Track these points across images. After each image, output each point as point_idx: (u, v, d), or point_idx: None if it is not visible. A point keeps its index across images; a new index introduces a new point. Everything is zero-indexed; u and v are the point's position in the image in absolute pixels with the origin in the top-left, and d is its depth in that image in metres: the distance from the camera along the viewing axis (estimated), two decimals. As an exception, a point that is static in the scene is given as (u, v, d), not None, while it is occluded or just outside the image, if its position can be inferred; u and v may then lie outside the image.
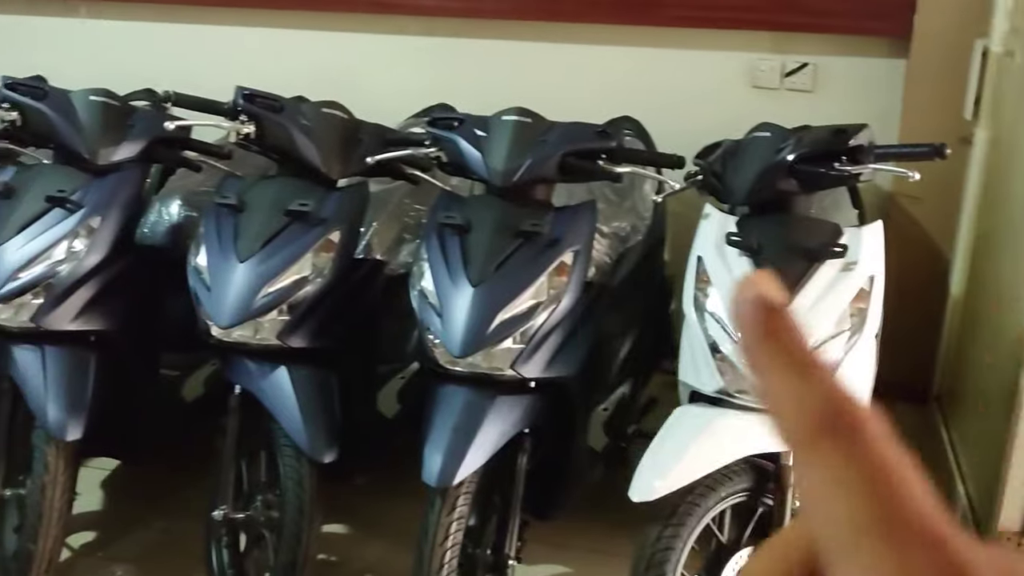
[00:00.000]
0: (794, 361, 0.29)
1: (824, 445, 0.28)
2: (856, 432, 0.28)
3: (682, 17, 2.84)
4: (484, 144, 2.06)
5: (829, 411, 0.28)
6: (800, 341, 0.29)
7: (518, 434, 2.04)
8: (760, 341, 0.29)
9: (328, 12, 3.12)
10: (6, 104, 2.22)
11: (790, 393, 0.29)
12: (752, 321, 0.30)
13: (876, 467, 0.27)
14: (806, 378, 0.29)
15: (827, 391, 0.29)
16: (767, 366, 0.29)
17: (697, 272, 2.00)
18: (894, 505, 0.27)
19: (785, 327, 0.30)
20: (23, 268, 2.14)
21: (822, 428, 0.28)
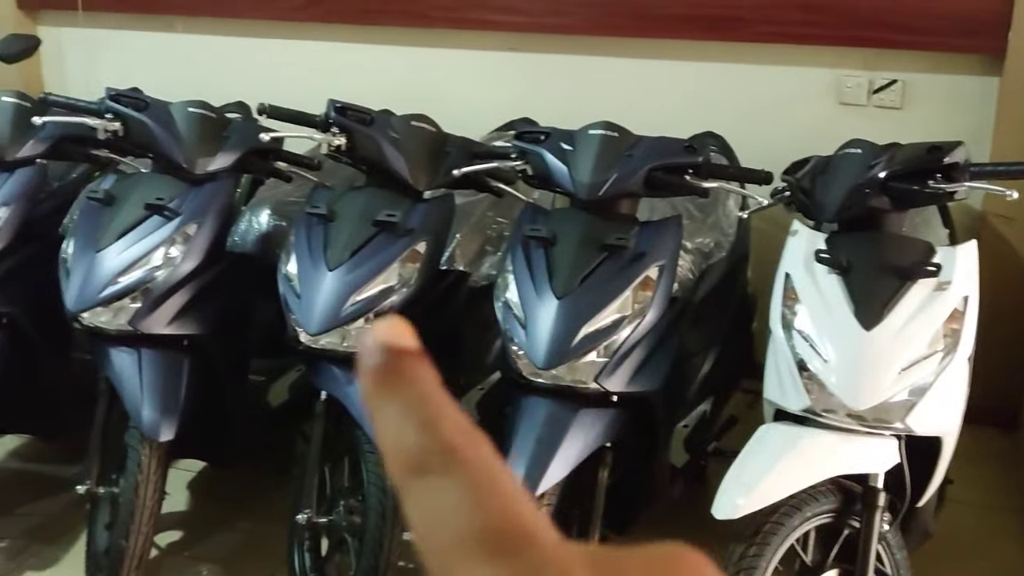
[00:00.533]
0: (408, 405, 0.30)
1: (422, 482, 0.29)
2: (448, 462, 0.29)
3: (768, 33, 2.82)
4: (570, 158, 2.07)
5: (426, 448, 0.30)
6: (422, 385, 0.31)
7: (599, 448, 2.04)
8: (379, 385, 0.31)
9: (415, 28, 3.17)
10: (110, 115, 2.30)
11: (395, 436, 0.30)
12: (375, 365, 0.31)
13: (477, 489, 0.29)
14: (413, 419, 0.30)
15: (427, 428, 0.30)
16: (382, 409, 0.31)
17: (785, 289, 1.98)
18: (492, 521, 0.28)
19: (407, 373, 0.31)
20: (122, 273, 2.21)
21: (419, 466, 0.29)
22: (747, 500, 1.87)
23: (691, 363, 2.36)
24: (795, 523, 1.93)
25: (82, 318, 2.22)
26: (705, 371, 2.44)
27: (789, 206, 2.12)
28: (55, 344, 2.54)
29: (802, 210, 2.08)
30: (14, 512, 2.75)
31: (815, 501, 1.93)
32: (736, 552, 1.91)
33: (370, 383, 0.31)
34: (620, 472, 2.14)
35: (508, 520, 0.29)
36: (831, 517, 1.96)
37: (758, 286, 2.72)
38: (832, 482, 1.93)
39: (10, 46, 2.87)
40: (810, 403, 1.90)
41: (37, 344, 2.49)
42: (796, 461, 1.90)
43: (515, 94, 3.11)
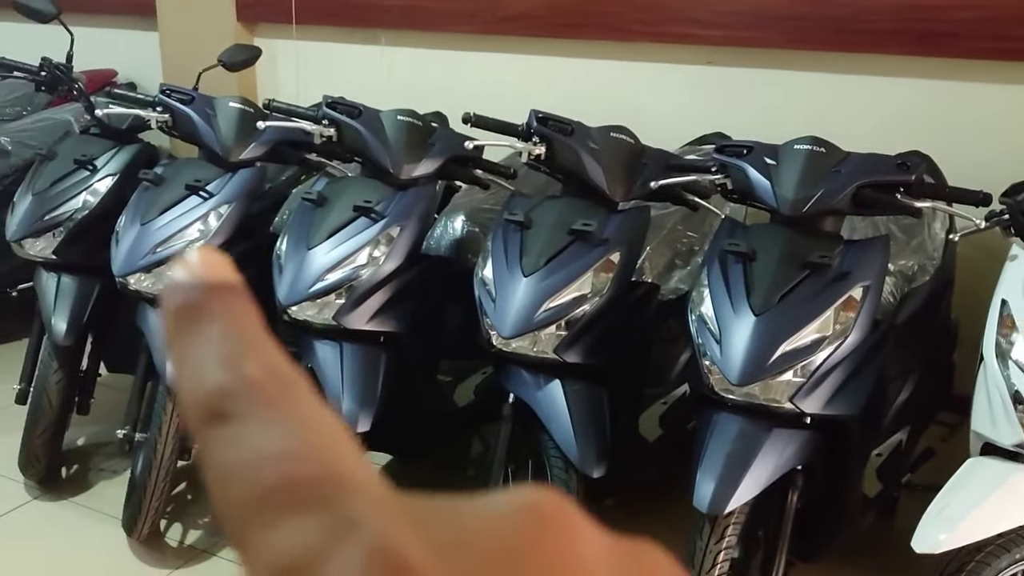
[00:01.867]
0: (218, 338, 0.25)
1: (220, 430, 0.24)
2: (254, 407, 0.24)
3: (985, 49, 2.68)
4: (774, 172, 2.04)
5: (230, 390, 0.25)
6: (235, 316, 0.26)
7: (790, 471, 2.00)
8: (186, 318, 0.26)
9: (609, 42, 3.20)
10: (326, 121, 2.44)
11: (195, 377, 0.25)
12: (184, 300, 0.26)
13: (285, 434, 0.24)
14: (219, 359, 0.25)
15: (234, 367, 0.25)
16: (186, 347, 0.26)
17: (1001, 316, 1.88)
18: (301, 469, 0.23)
19: (225, 308, 0.26)
20: (330, 270, 2.34)
21: (220, 411, 0.24)
22: (950, 535, 1.79)
23: (889, 390, 2.27)
24: (1002, 564, 1.83)
25: (291, 311, 2.36)
26: (903, 399, 2.34)
27: (1007, 230, 2.01)
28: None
29: (1022, 234, 1.97)
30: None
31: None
32: (936, 589, 1.82)
33: (171, 322, 0.26)
34: (810, 497, 2.08)
35: (317, 466, 0.23)
36: (1042, 561, 1.85)
37: (960, 313, 2.59)
38: (1046, 524, 1.82)
39: (234, 56, 3.09)
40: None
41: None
42: (1007, 498, 1.80)
43: (709, 108, 3.08)
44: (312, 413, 0.25)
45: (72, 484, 2.98)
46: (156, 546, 2.68)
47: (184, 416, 0.25)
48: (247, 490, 0.23)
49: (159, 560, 2.64)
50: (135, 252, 2.53)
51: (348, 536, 0.22)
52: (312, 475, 0.23)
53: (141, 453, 2.59)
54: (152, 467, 2.52)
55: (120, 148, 2.93)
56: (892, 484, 2.37)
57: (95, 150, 2.90)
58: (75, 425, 2.97)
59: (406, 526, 0.23)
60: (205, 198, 2.58)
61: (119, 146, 2.93)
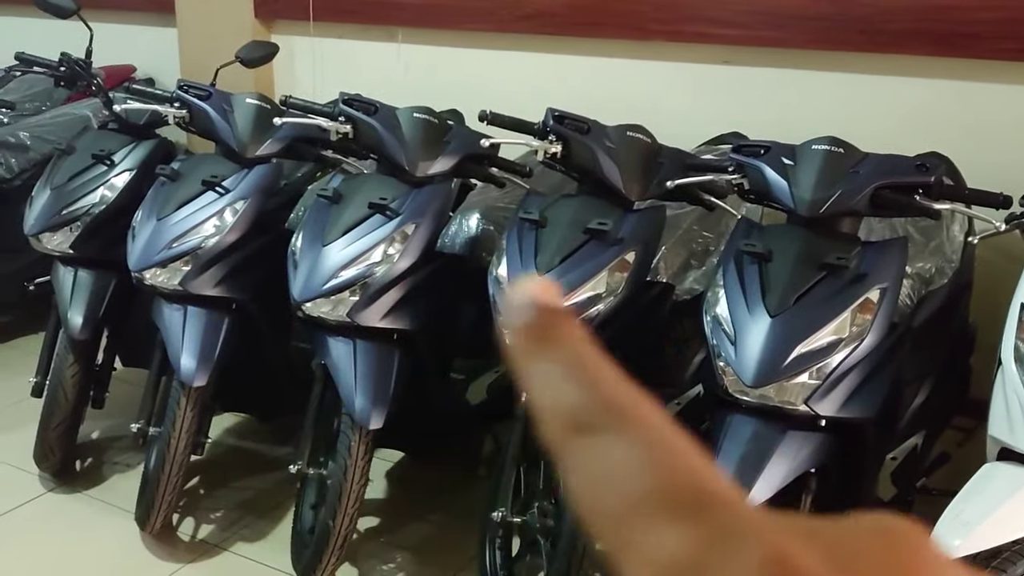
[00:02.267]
0: (568, 363, 0.29)
1: (587, 441, 0.27)
2: (618, 421, 0.27)
3: (1008, 50, 2.65)
4: (791, 172, 2.02)
5: (591, 407, 0.28)
6: (577, 342, 0.29)
7: (804, 473, 1.98)
8: (535, 343, 0.29)
9: (626, 40, 3.19)
10: (342, 118, 2.44)
11: (554, 395, 0.28)
12: (528, 324, 0.29)
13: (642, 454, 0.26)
14: (573, 378, 0.28)
15: (591, 387, 0.28)
16: (538, 369, 0.29)
17: (1020, 320, 1.86)
18: (671, 480, 0.26)
19: (563, 331, 0.30)
20: (344, 267, 2.34)
21: (584, 424, 0.27)
22: (966, 541, 1.77)
23: (905, 393, 2.25)
24: (1018, 571, 1.81)
25: (305, 307, 2.36)
26: (918, 403, 2.32)
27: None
28: (277, 331, 2.71)
29: (1042, 238, 1.95)
30: (229, 485, 2.96)
31: (1042, 549, 1.81)
32: (951, 595, 1.80)
33: (523, 340, 0.30)
34: (823, 500, 2.06)
35: (691, 479, 0.26)
36: (1059, 568, 1.83)
37: (978, 316, 2.57)
38: (1063, 531, 1.80)
39: (252, 52, 3.10)
40: (1043, 444, 1.78)
41: (262, 330, 2.67)
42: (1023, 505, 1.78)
43: (726, 107, 3.07)
44: (665, 428, 0.28)
45: (86, 477, 3.00)
46: (169, 540, 2.69)
47: (544, 427, 0.29)
48: (622, 496, 0.26)
49: (171, 554, 2.65)
50: (151, 247, 2.54)
51: (733, 545, 0.24)
52: (684, 485, 0.26)
53: (155, 447, 2.60)
54: (166, 461, 2.53)
55: (138, 143, 2.94)
56: (907, 488, 2.34)
57: (113, 145, 2.91)
58: (90, 419, 2.98)
59: (793, 538, 0.25)
60: (221, 194, 2.58)
61: (137, 141, 2.94)
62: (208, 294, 2.56)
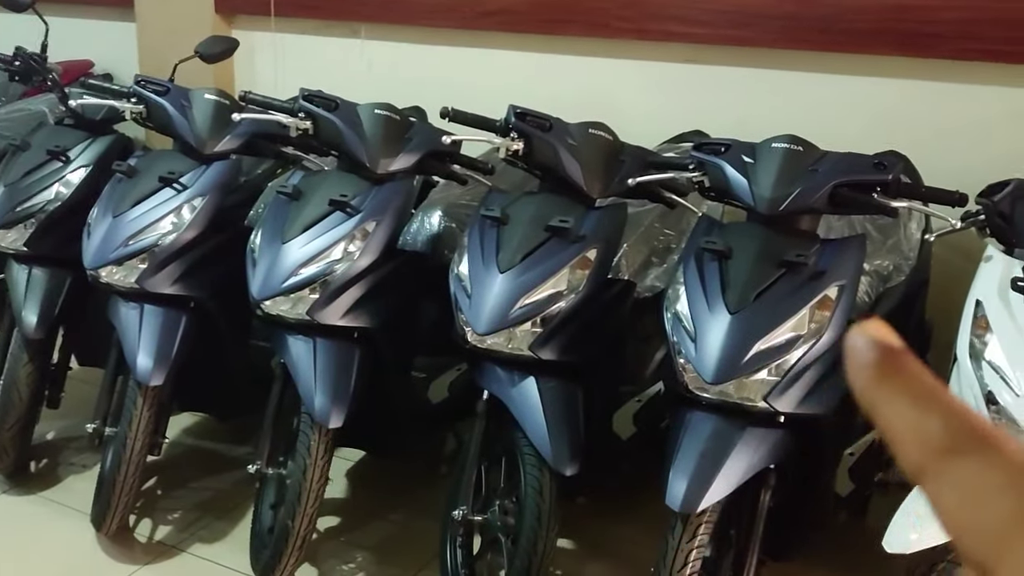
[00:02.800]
0: (918, 393, 0.31)
1: (956, 463, 0.29)
2: (984, 442, 0.29)
3: (968, 50, 2.68)
4: (751, 170, 2.03)
5: (955, 430, 0.30)
6: (921, 374, 0.32)
7: (763, 469, 1.99)
8: (881, 379, 0.32)
9: (590, 38, 3.19)
10: (302, 114, 2.42)
11: (913, 423, 0.31)
12: (872, 361, 0.32)
13: (1016, 471, 0.29)
14: (929, 406, 0.31)
15: (950, 413, 0.31)
16: (889, 401, 0.32)
17: (975, 317, 1.88)
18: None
19: (907, 365, 0.32)
20: (304, 265, 2.31)
21: (950, 447, 0.30)
22: (921, 535, 1.79)
23: (863, 389, 2.27)
24: (973, 564, 1.83)
25: (264, 306, 2.34)
26: (877, 399, 2.34)
27: (982, 230, 2.01)
28: (236, 330, 2.68)
29: (997, 235, 1.97)
30: (187, 486, 2.92)
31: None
32: (907, 589, 1.82)
33: (873, 377, 0.32)
34: (782, 496, 2.07)
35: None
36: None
37: (934, 314, 2.60)
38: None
39: (212, 47, 3.06)
40: (997, 439, 1.80)
41: (220, 328, 2.64)
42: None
43: (690, 106, 3.08)
44: (1015, 446, 0.30)
45: (41, 478, 2.94)
46: (125, 542, 2.65)
47: (903, 453, 0.31)
48: (1001, 516, 0.28)
49: (128, 556, 2.61)
50: (107, 244, 2.50)
51: None
52: None
53: (111, 448, 2.56)
54: (122, 462, 2.49)
55: (94, 139, 2.89)
56: (864, 483, 2.37)
57: (68, 141, 2.86)
58: (45, 419, 2.93)
59: None
60: (179, 190, 2.55)
61: (93, 137, 2.89)
62: (165, 292, 2.53)
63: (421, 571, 2.55)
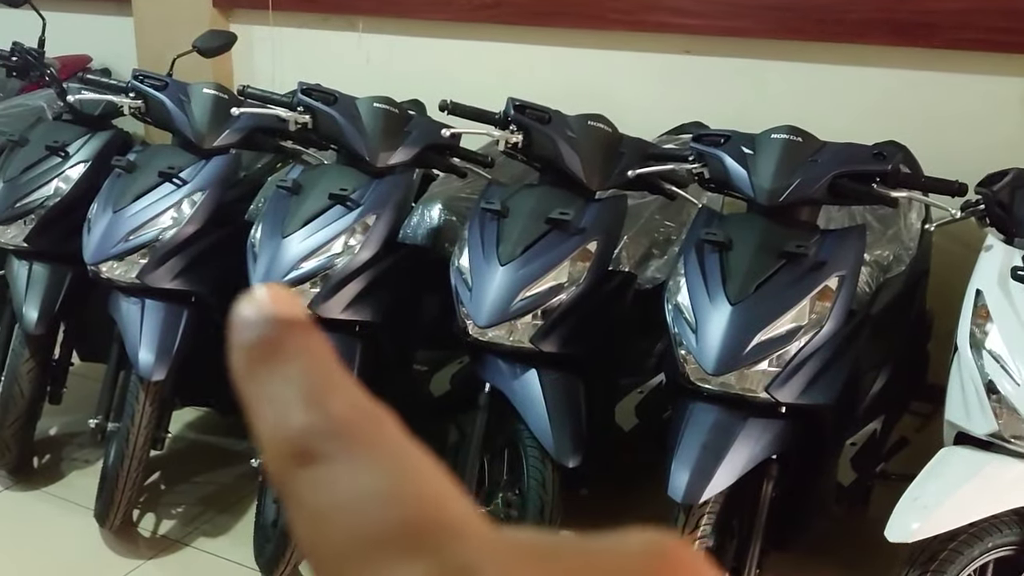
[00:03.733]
0: (301, 378, 0.25)
1: (309, 470, 0.24)
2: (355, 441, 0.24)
3: (964, 40, 2.68)
4: (751, 162, 2.03)
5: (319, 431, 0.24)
6: (315, 355, 0.26)
7: (765, 460, 2.00)
8: (269, 357, 0.25)
9: (590, 30, 3.18)
10: (301, 108, 2.42)
11: (285, 414, 0.25)
12: (264, 336, 0.26)
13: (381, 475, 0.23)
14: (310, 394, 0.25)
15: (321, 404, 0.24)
16: (268, 384, 0.25)
17: (975, 306, 1.88)
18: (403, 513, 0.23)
19: (303, 342, 0.26)
20: (305, 259, 2.31)
21: (302, 451, 0.24)
22: (923, 524, 1.79)
23: (864, 379, 2.28)
24: (974, 553, 1.84)
25: (266, 300, 2.33)
26: (877, 389, 2.34)
27: (982, 220, 2.02)
28: (237, 324, 2.67)
29: (997, 224, 1.98)
30: (190, 480, 2.93)
31: (998, 532, 1.84)
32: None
33: (245, 359, 0.26)
34: (784, 486, 2.08)
35: (423, 508, 0.23)
36: (1014, 550, 1.86)
37: (935, 303, 2.60)
38: (1017, 513, 1.83)
39: (209, 41, 3.05)
40: (998, 428, 1.80)
41: (221, 323, 2.63)
42: (979, 488, 1.80)
43: (687, 97, 3.08)
44: (404, 451, 0.24)
45: (44, 474, 2.95)
46: (129, 536, 2.66)
47: (266, 457, 0.25)
48: (347, 533, 0.23)
49: (132, 550, 2.62)
50: (107, 240, 2.50)
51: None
52: (417, 518, 0.23)
53: (113, 443, 2.56)
54: (125, 457, 2.49)
55: (93, 134, 2.89)
56: (866, 473, 2.38)
57: (67, 136, 2.86)
58: (47, 415, 2.94)
59: (525, 568, 0.22)
60: (178, 185, 2.55)
61: (91, 132, 2.89)
62: (166, 287, 2.53)
63: (424, 563, 2.56)
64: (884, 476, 2.46)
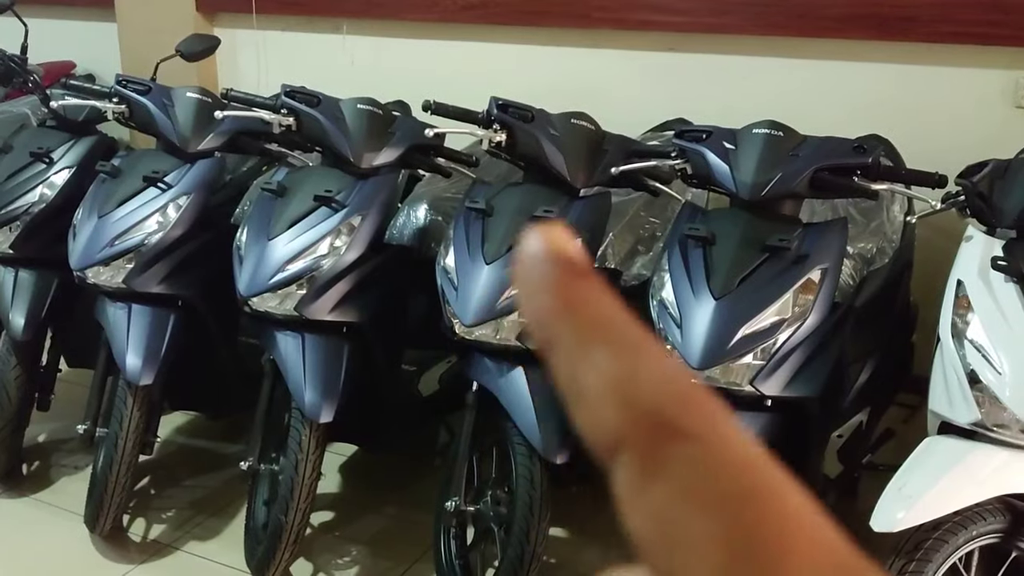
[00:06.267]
0: (613, 339, 0.22)
1: (670, 450, 0.21)
2: (710, 429, 0.21)
3: (943, 33, 2.70)
4: (733, 157, 2.05)
5: (672, 404, 0.21)
6: (618, 312, 0.22)
7: (752, 452, 2.01)
8: (563, 311, 0.22)
9: (575, 29, 3.19)
10: (284, 110, 2.42)
11: (612, 383, 0.21)
12: (549, 284, 0.22)
13: (739, 473, 0.21)
14: (633, 361, 0.21)
15: (665, 377, 0.21)
16: (573, 344, 0.22)
17: (956, 297, 1.90)
18: (771, 523, 0.20)
19: (596, 294, 0.22)
20: (291, 261, 2.32)
21: (664, 427, 0.21)
22: (908, 514, 1.80)
23: (849, 371, 2.29)
24: (959, 541, 1.85)
25: (252, 303, 2.34)
26: (863, 381, 2.36)
27: (962, 211, 2.03)
28: (224, 327, 2.68)
29: (977, 215, 1.99)
30: (180, 484, 2.92)
31: (981, 520, 1.85)
32: (894, 567, 1.84)
33: (552, 309, 0.22)
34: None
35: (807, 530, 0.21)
36: (998, 538, 1.87)
37: (919, 295, 2.62)
38: (1001, 501, 1.84)
39: (193, 45, 3.05)
40: (980, 417, 1.82)
41: (209, 327, 2.64)
42: (963, 477, 1.82)
43: (672, 94, 3.09)
44: (757, 452, 0.22)
45: (33, 481, 2.94)
46: (119, 541, 2.66)
47: (602, 431, 0.22)
48: (724, 535, 0.20)
49: (123, 555, 2.61)
50: (93, 245, 2.50)
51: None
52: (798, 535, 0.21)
53: (102, 448, 2.56)
54: (114, 462, 2.49)
55: (77, 140, 2.88)
56: (853, 465, 2.39)
57: (51, 143, 2.86)
58: (35, 421, 2.93)
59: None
60: (163, 189, 2.55)
61: (76, 138, 2.89)
62: (153, 291, 2.53)
63: (415, 563, 2.57)
64: (871, 467, 2.47)
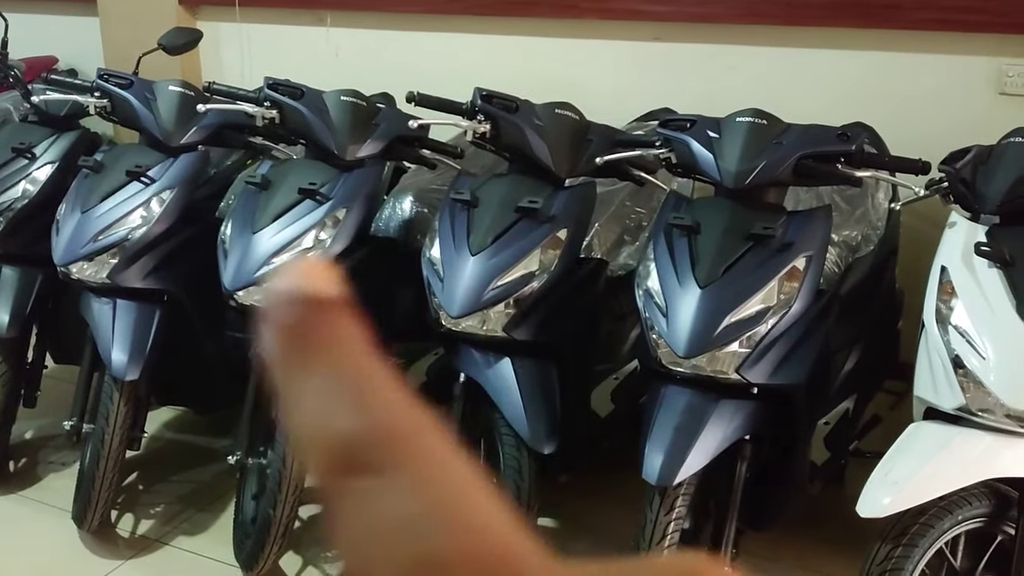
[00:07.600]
0: (338, 373, 0.23)
1: (346, 484, 0.22)
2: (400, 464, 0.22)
3: (926, 20, 2.70)
4: (717, 145, 2.05)
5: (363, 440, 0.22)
6: (355, 347, 0.23)
7: (738, 440, 2.01)
8: (305, 344, 0.23)
9: (556, 19, 3.19)
10: (267, 103, 2.41)
11: (330, 415, 0.23)
12: (290, 320, 0.23)
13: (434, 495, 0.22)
14: (348, 395, 0.23)
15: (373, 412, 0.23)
16: (306, 376, 0.23)
17: (940, 283, 1.90)
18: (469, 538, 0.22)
19: (343, 329, 0.23)
20: (276, 254, 2.31)
21: (345, 463, 0.22)
22: (894, 499, 1.81)
23: (835, 359, 2.30)
24: (945, 526, 1.86)
25: (237, 296, 2.33)
26: (849, 368, 2.37)
27: (946, 197, 2.03)
28: (210, 322, 2.67)
29: (960, 201, 2.00)
30: (168, 480, 2.92)
31: (967, 504, 1.86)
32: (881, 552, 1.85)
33: (283, 343, 0.23)
34: (759, 466, 2.10)
35: (477, 538, 0.22)
36: (983, 522, 1.89)
37: (905, 282, 2.63)
38: (986, 485, 1.85)
39: (175, 39, 3.03)
40: (965, 402, 1.83)
41: (194, 321, 2.63)
42: (948, 461, 1.83)
43: (657, 84, 3.09)
44: (451, 471, 0.23)
45: (20, 478, 2.93)
46: (107, 537, 2.65)
47: (309, 458, 0.23)
48: (401, 554, 0.22)
49: (111, 551, 2.61)
50: (76, 240, 2.49)
51: None
52: (474, 549, 0.22)
53: (89, 444, 2.55)
54: (101, 458, 2.48)
55: (59, 135, 2.87)
56: (840, 452, 2.40)
57: (34, 138, 2.84)
58: (22, 418, 2.92)
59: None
60: (147, 184, 2.54)
61: (58, 133, 2.87)
62: (137, 286, 2.52)
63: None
64: (858, 454, 2.48)
